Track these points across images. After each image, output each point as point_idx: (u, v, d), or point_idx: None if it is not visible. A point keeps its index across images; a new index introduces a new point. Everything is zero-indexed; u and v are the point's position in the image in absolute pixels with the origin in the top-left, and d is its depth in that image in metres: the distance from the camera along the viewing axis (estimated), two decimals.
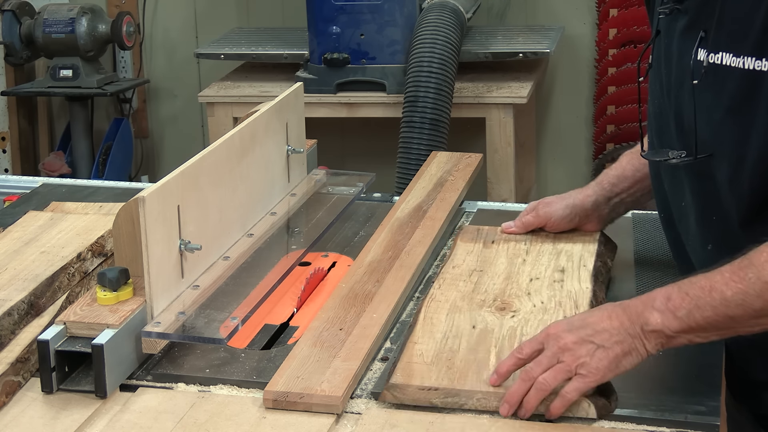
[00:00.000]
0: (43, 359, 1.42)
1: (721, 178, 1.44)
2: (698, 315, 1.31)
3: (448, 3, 3.36)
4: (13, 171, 4.21)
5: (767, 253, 1.29)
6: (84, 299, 1.49)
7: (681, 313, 1.31)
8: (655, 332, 1.33)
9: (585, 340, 1.34)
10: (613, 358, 1.33)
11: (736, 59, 1.37)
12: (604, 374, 1.33)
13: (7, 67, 4.15)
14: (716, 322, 1.31)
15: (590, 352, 1.33)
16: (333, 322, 1.56)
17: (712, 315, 1.30)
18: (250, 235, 1.77)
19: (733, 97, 1.38)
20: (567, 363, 1.33)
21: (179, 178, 1.55)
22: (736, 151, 1.41)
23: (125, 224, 1.50)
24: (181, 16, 4.24)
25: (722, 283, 1.30)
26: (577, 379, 1.32)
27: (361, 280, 1.69)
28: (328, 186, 2.06)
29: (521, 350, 1.38)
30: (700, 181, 1.49)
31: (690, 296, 1.32)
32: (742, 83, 1.37)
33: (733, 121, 1.40)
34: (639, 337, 1.33)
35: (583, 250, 1.73)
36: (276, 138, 1.91)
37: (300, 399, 1.38)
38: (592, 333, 1.35)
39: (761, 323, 1.31)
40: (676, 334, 1.32)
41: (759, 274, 1.28)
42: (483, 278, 1.67)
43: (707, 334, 1.32)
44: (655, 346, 1.33)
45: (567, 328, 1.37)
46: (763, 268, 1.28)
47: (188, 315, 1.52)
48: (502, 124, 3.37)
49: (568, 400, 1.32)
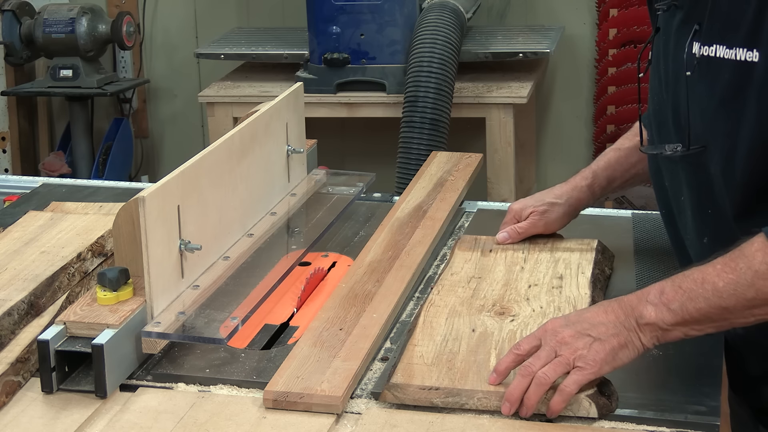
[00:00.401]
0: (43, 359, 1.42)
1: (715, 170, 1.45)
2: (691, 307, 1.32)
3: (448, 3, 3.36)
4: (13, 171, 4.22)
5: (758, 243, 1.30)
6: (84, 299, 1.49)
7: (674, 305, 1.33)
8: (649, 325, 1.34)
9: (582, 334, 1.36)
10: (610, 350, 1.34)
11: (728, 51, 1.39)
12: (601, 366, 1.33)
13: (7, 67, 4.15)
14: (710, 314, 1.32)
15: (587, 345, 1.35)
16: (333, 322, 1.56)
17: (705, 306, 1.32)
18: (250, 235, 1.77)
19: (724, 89, 1.40)
20: (565, 356, 1.34)
21: (179, 178, 1.55)
22: (727, 142, 1.42)
23: (125, 224, 1.50)
24: (181, 16, 4.24)
25: (714, 275, 1.32)
26: (576, 372, 1.33)
27: (361, 280, 1.69)
28: (328, 186, 2.06)
29: (519, 347, 1.38)
30: (695, 174, 1.50)
31: (683, 289, 1.33)
32: (733, 75, 1.39)
33: (724, 113, 1.42)
34: (634, 330, 1.35)
35: (580, 258, 1.73)
36: (276, 138, 1.91)
37: (300, 399, 1.38)
38: (589, 327, 1.36)
39: (755, 314, 1.32)
40: (670, 327, 1.33)
41: (749, 264, 1.30)
42: (482, 284, 1.67)
43: (702, 326, 1.33)
44: (650, 340, 1.34)
45: (564, 324, 1.38)
46: (754, 257, 1.30)
47: (188, 315, 1.52)
48: (502, 124, 3.37)
49: (567, 394, 1.32)
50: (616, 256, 1.80)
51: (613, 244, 1.83)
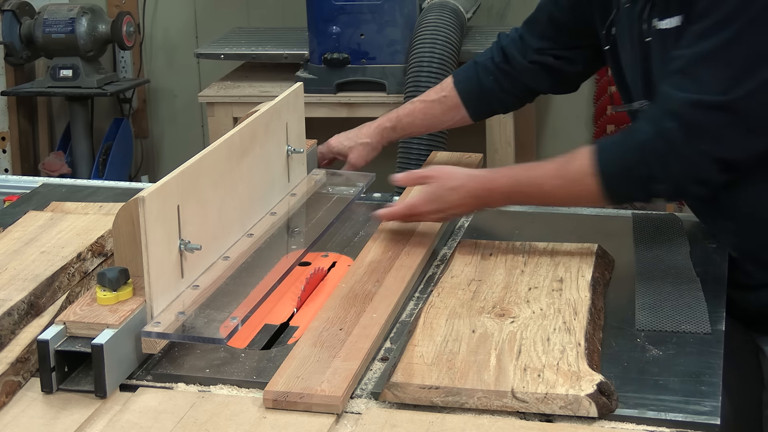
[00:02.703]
0: (43, 359, 1.42)
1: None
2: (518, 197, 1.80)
3: (448, 3, 3.36)
4: (13, 171, 4.21)
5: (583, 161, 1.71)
6: (84, 299, 1.49)
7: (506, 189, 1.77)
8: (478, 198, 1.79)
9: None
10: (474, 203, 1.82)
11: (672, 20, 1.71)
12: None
13: (7, 67, 4.15)
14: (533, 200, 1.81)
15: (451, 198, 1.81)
16: (333, 322, 1.56)
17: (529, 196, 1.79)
18: (250, 235, 1.77)
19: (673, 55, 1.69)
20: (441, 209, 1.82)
21: (179, 178, 1.55)
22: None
23: (125, 224, 1.50)
24: (181, 16, 4.24)
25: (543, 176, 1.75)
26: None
27: (361, 280, 1.69)
28: (328, 186, 2.06)
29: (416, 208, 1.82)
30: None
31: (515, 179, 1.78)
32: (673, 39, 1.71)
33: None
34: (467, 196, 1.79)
35: (580, 262, 1.74)
36: (276, 138, 1.91)
37: (300, 399, 1.38)
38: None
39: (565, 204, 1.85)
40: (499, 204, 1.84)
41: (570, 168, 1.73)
42: (482, 287, 1.67)
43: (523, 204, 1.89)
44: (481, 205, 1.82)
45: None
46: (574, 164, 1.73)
47: (188, 315, 1.52)
48: (502, 124, 3.37)
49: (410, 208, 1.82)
50: (615, 256, 1.80)
51: (613, 244, 1.83)
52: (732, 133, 1.63)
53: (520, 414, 1.36)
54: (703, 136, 1.63)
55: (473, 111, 2.16)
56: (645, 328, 1.55)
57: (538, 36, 2.09)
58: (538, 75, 2.10)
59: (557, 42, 2.07)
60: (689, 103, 1.64)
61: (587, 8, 1.97)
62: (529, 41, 2.09)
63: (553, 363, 1.42)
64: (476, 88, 2.14)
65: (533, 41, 2.09)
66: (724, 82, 1.62)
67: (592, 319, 1.55)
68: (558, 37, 2.07)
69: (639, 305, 1.62)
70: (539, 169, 1.77)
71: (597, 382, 1.36)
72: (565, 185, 1.73)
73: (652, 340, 1.52)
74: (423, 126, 2.20)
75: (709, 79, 1.63)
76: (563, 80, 2.13)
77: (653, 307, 1.60)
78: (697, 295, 1.64)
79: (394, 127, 2.18)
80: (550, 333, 1.51)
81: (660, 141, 1.65)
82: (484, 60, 2.14)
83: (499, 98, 2.15)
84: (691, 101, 1.64)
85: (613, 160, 1.70)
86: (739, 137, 1.64)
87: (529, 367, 1.41)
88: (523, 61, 2.10)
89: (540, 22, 2.09)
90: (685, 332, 1.54)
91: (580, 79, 2.15)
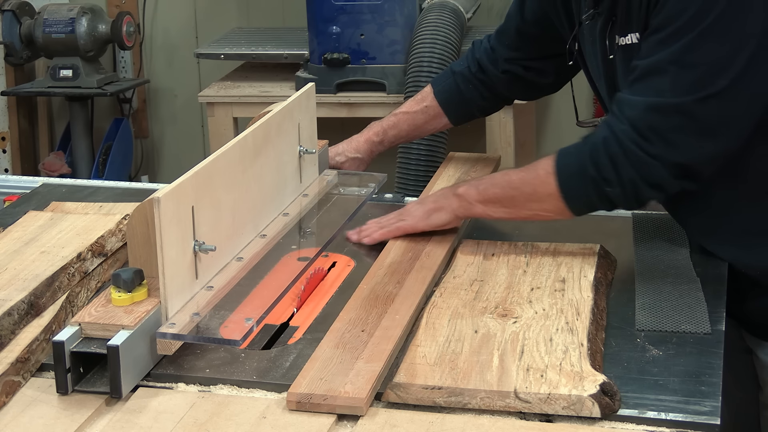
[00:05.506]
0: (59, 360, 1.41)
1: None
2: (491, 191, 1.80)
3: (448, 3, 3.36)
4: (13, 171, 4.21)
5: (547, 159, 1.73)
6: (99, 300, 1.49)
7: (481, 187, 1.81)
8: (458, 196, 1.83)
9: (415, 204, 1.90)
10: (426, 211, 1.86)
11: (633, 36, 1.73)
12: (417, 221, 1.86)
13: (7, 67, 4.15)
14: (502, 199, 1.78)
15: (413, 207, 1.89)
16: (355, 323, 1.56)
17: (500, 192, 1.79)
18: (263, 236, 1.77)
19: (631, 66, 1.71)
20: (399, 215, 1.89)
21: (193, 179, 1.55)
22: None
23: (139, 225, 1.50)
24: (181, 16, 4.24)
25: (513, 173, 1.79)
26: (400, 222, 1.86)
27: (382, 281, 1.69)
28: (340, 186, 2.06)
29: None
30: None
31: (490, 177, 1.86)
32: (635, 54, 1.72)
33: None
34: (449, 198, 1.84)
35: (583, 262, 1.74)
36: (288, 139, 1.91)
37: (324, 401, 1.37)
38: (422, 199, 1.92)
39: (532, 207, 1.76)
40: (474, 202, 1.81)
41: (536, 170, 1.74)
42: (484, 287, 1.67)
43: (496, 208, 1.80)
44: (459, 208, 1.83)
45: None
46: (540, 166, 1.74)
47: (202, 316, 1.51)
48: (502, 124, 3.37)
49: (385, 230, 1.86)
50: (616, 256, 1.80)
51: (613, 244, 1.83)
52: (686, 138, 1.63)
53: (520, 414, 1.36)
54: (657, 139, 1.63)
55: (454, 118, 2.23)
56: (645, 328, 1.56)
57: (507, 47, 2.13)
58: (512, 84, 2.16)
59: (526, 53, 2.11)
60: (644, 107, 1.64)
61: (552, 22, 2.00)
62: (500, 51, 2.14)
63: (556, 363, 1.42)
64: (456, 98, 2.20)
65: (503, 51, 2.13)
66: (681, 87, 1.62)
67: (595, 319, 1.55)
68: (526, 47, 2.11)
69: (639, 305, 1.62)
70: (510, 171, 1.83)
71: (600, 383, 1.36)
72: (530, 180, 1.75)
73: (652, 340, 1.52)
74: (408, 136, 2.28)
75: (666, 84, 1.63)
76: (537, 88, 2.19)
77: (653, 307, 1.60)
78: (697, 295, 1.64)
79: (381, 141, 2.25)
80: (553, 333, 1.51)
81: (614, 143, 1.66)
82: (462, 69, 2.19)
83: (479, 105, 2.22)
84: (646, 104, 1.64)
85: (570, 161, 1.72)
86: (694, 141, 1.63)
87: (532, 368, 1.41)
88: (495, 72, 2.15)
89: (509, 33, 2.13)
90: (685, 332, 1.54)
91: (553, 88, 2.20)
